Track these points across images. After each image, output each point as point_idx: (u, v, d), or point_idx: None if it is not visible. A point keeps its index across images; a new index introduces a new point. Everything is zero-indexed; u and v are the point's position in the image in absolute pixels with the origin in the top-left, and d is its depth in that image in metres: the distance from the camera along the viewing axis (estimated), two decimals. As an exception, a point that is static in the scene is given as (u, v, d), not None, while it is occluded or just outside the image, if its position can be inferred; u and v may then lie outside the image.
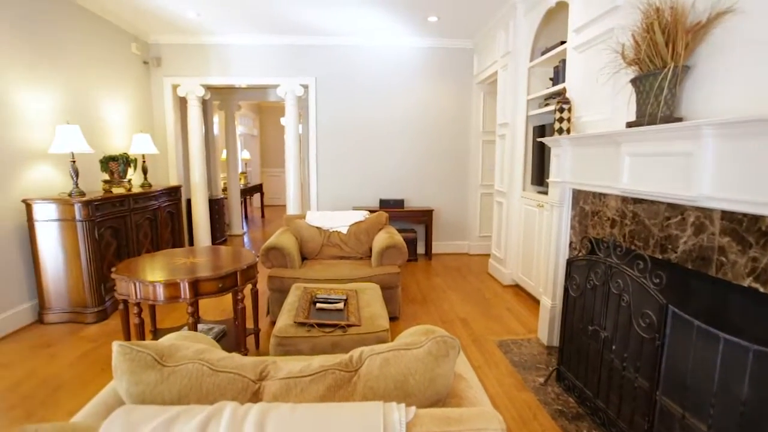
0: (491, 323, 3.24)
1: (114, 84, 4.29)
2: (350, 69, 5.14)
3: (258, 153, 10.26)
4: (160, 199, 4.13)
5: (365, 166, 5.32)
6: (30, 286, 3.18)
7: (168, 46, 5.00)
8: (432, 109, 5.29)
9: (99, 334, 3.00)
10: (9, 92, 3.04)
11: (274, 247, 3.14)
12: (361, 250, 3.65)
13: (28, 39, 3.20)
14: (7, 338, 2.92)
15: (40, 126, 3.30)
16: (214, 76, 5.04)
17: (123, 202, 3.51)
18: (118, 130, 4.36)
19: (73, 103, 3.68)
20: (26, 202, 3.02)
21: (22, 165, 3.14)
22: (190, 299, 2.11)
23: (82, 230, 3.06)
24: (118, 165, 3.66)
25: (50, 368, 2.52)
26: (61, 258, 3.10)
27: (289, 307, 2.37)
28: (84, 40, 3.83)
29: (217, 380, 1.04)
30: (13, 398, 2.21)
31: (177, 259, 2.45)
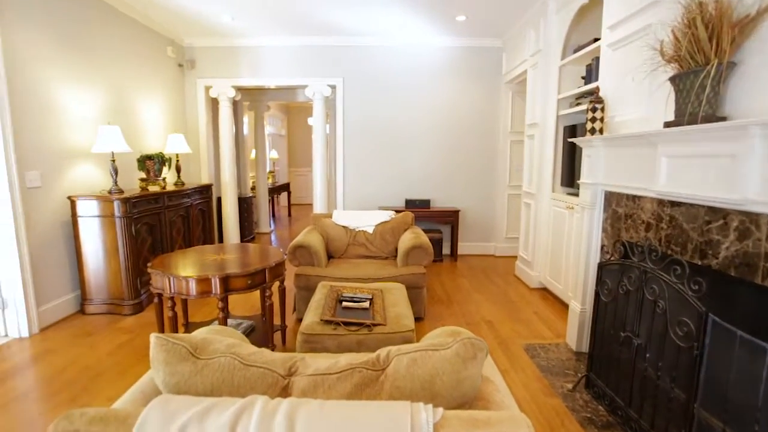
0: (518, 326, 3.19)
1: (151, 86, 4.47)
2: (377, 69, 5.17)
3: (285, 152, 10.44)
4: (193, 197, 4.27)
5: (391, 166, 5.33)
6: (73, 278, 3.35)
7: (201, 49, 5.16)
8: (459, 108, 5.25)
9: (135, 325, 3.13)
10: (57, 96, 3.21)
11: (301, 246, 3.19)
12: (386, 250, 3.65)
13: (73, 45, 3.37)
14: (53, 326, 3.09)
15: (83, 127, 3.47)
16: (244, 77, 5.16)
17: (158, 199, 3.64)
18: (154, 130, 4.54)
19: (113, 104, 3.85)
20: (71, 199, 3.18)
21: (68, 164, 3.32)
22: (220, 294, 2.17)
23: (120, 226, 3.20)
24: (154, 164, 3.81)
25: (91, 356, 2.65)
26: (101, 252, 3.25)
27: (316, 304, 2.41)
28: (124, 44, 4.00)
29: (247, 374, 1.07)
30: (58, 383, 2.34)
31: (208, 255, 2.53)
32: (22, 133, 2.91)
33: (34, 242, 2.99)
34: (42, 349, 2.75)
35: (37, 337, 2.92)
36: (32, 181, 2.97)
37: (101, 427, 0.86)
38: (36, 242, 3.01)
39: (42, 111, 3.08)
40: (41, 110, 3.07)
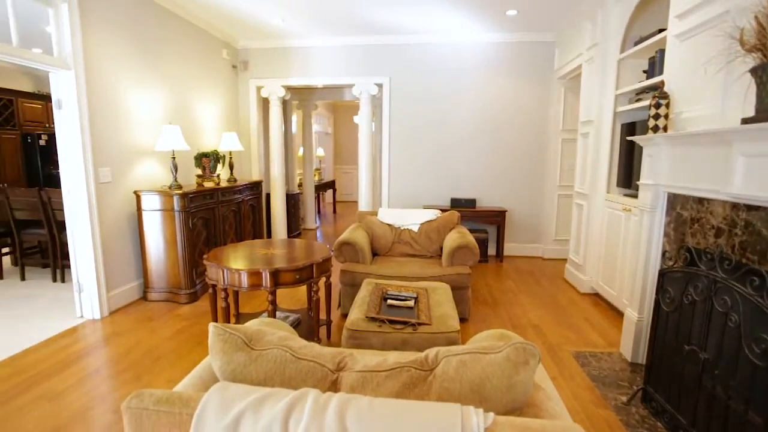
0: (567, 332, 3.06)
1: (207, 87, 4.70)
2: (424, 67, 5.13)
3: (331, 150, 10.63)
4: (244, 192, 4.45)
5: (437, 165, 5.28)
6: (137, 267, 3.60)
7: (254, 51, 5.36)
8: (507, 105, 5.10)
9: (190, 313, 3.32)
10: (127, 97, 3.46)
11: (347, 242, 3.24)
12: (431, 249, 3.63)
13: (141, 49, 3.61)
14: (120, 310, 3.34)
15: (148, 126, 3.72)
16: (294, 77, 5.31)
17: (213, 194, 3.83)
18: (209, 128, 4.78)
19: (174, 105, 4.09)
20: (136, 193, 3.42)
21: (134, 160, 3.57)
22: (270, 288, 2.25)
23: (178, 219, 3.40)
24: (210, 161, 4.01)
25: (152, 340, 2.84)
26: (161, 243, 3.47)
27: (361, 301, 2.44)
28: (184, 48, 4.24)
29: (299, 367, 1.10)
30: (125, 363, 2.53)
31: (258, 249, 2.62)
32: (97, 132, 3.16)
33: (105, 233, 3.25)
34: (110, 331, 2.98)
35: (107, 320, 3.18)
36: (104, 176, 3.23)
37: (167, 407, 0.91)
38: (106, 233, 3.26)
39: (113, 111, 3.33)
40: (113, 111, 3.32)
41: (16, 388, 2.26)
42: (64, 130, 3.00)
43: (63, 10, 2.90)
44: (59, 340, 2.84)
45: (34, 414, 2.05)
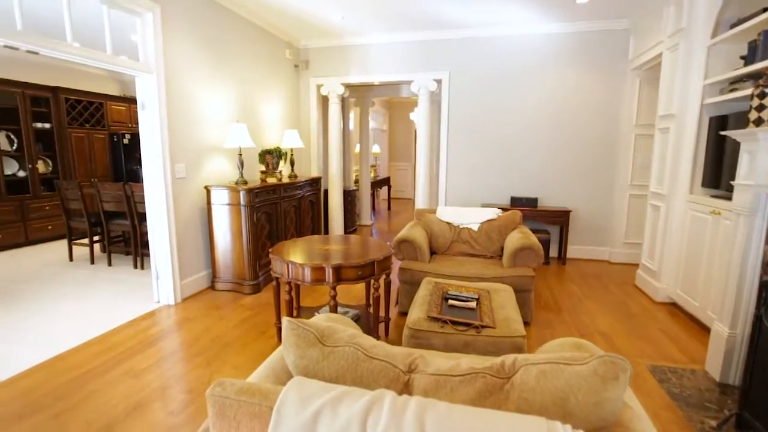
0: (640, 343, 2.83)
1: (271, 86, 4.88)
2: (484, 61, 4.97)
3: (386, 147, 10.67)
4: (304, 188, 4.58)
5: (497, 162, 5.11)
6: (206, 258, 3.83)
7: (315, 50, 5.48)
8: (573, 99, 4.82)
9: (254, 304, 3.47)
10: (199, 98, 3.67)
11: (406, 240, 3.22)
12: (491, 249, 3.52)
13: (212, 51, 3.82)
14: (191, 298, 3.57)
15: (217, 124, 3.93)
16: (353, 75, 5.37)
17: (275, 190, 3.98)
18: (272, 126, 4.96)
19: (240, 104, 4.29)
20: (207, 188, 3.63)
21: (205, 157, 3.79)
22: (332, 283, 2.28)
23: (244, 214, 3.56)
24: (273, 158, 4.16)
25: (220, 328, 3.00)
26: (228, 236, 3.66)
27: (421, 300, 2.41)
28: (250, 50, 4.42)
29: (370, 366, 1.10)
30: (196, 347, 2.70)
31: (321, 245, 2.67)
32: (174, 131, 3.39)
33: (179, 225, 3.48)
34: (183, 317, 3.19)
35: (180, 306, 3.40)
36: (179, 172, 3.45)
37: (248, 398, 0.94)
38: (180, 225, 3.49)
39: (188, 111, 3.55)
40: (187, 111, 3.54)
41: (107, 364, 2.48)
42: (146, 129, 3.24)
43: (148, 20, 3.13)
44: (140, 322, 3.08)
45: (122, 388, 2.24)
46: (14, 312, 3.25)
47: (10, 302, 3.45)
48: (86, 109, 6.14)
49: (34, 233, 5.55)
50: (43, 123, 5.70)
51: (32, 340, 2.78)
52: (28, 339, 2.80)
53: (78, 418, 2.01)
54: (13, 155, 5.41)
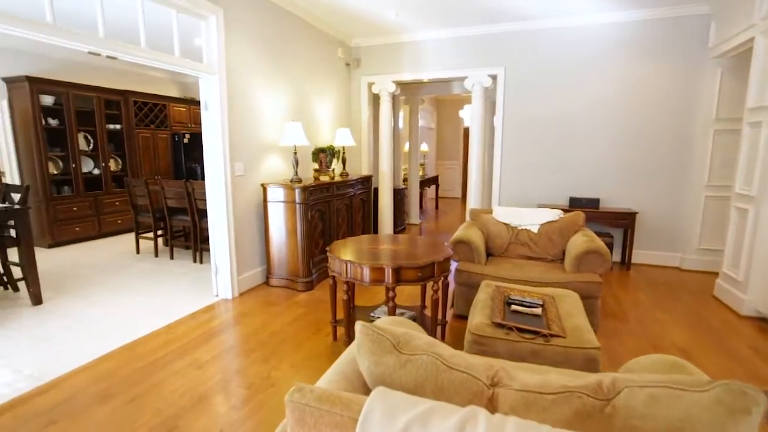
0: (728, 363, 2.56)
1: (323, 85, 4.92)
2: (542, 55, 4.74)
3: (434, 145, 10.53)
4: (356, 187, 4.58)
5: (555, 160, 4.86)
6: (262, 254, 3.92)
7: (366, 48, 5.47)
8: (641, 93, 4.47)
9: (307, 301, 3.50)
10: (256, 97, 3.76)
11: (463, 241, 3.11)
12: (552, 252, 3.33)
13: (269, 51, 3.89)
14: (247, 293, 3.67)
15: (273, 123, 4.01)
16: (405, 72, 5.30)
17: (329, 188, 4.00)
18: (325, 125, 5.00)
19: (295, 103, 4.35)
20: (263, 186, 3.70)
21: (262, 155, 3.87)
22: (391, 284, 2.23)
23: (299, 211, 3.60)
24: (326, 156, 4.19)
25: (275, 324, 3.04)
26: (283, 233, 3.71)
27: (482, 304, 2.30)
28: (304, 49, 4.47)
29: (451, 377, 1.03)
30: (253, 343, 2.75)
31: (378, 245, 2.63)
32: (233, 130, 3.48)
33: (237, 222, 3.58)
34: (240, 311, 3.27)
35: (237, 300, 3.50)
36: (238, 170, 3.55)
37: (328, 407, 0.90)
38: (238, 222, 3.59)
39: (246, 110, 3.64)
40: (246, 110, 3.63)
41: (172, 354, 2.58)
42: (209, 128, 3.35)
43: (212, 22, 3.23)
44: (201, 315, 3.19)
45: (187, 379, 2.32)
46: (92, 301, 3.48)
47: (89, 291, 3.70)
48: (151, 111, 6.51)
49: (106, 226, 5.96)
50: (115, 124, 6.10)
51: (107, 328, 2.96)
52: (103, 327, 2.98)
53: (149, 404, 2.09)
54: (90, 155, 5.83)
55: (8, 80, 5.19)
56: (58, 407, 2.08)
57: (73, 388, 2.24)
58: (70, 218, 5.54)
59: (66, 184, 5.61)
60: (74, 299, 3.51)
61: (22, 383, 2.29)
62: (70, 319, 3.11)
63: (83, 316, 3.16)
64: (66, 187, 5.61)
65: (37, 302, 3.39)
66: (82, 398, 2.15)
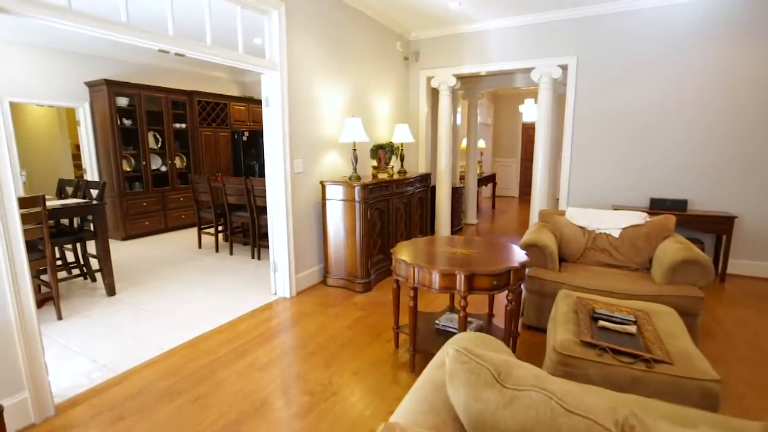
0: None
1: (381, 80, 4.79)
2: (620, 42, 4.29)
3: (490, 142, 10.12)
4: (415, 185, 4.41)
5: (632, 158, 4.40)
6: (319, 253, 3.86)
7: (426, 41, 5.27)
8: (738, 79, 3.91)
9: (366, 303, 3.38)
10: (316, 93, 3.69)
11: (535, 245, 2.85)
12: (637, 260, 2.97)
13: (327, 47, 3.81)
14: (304, 292, 3.62)
15: (332, 119, 3.93)
16: (466, 65, 5.05)
17: (388, 186, 3.86)
18: (383, 121, 4.88)
19: (353, 98, 4.26)
20: (322, 183, 3.64)
21: (320, 152, 3.81)
22: (464, 292, 2.04)
23: (358, 210, 3.50)
24: (385, 153, 4.05)
25: (334, 326, 2.95)
26: (341, 232, 3.63)
27: (563, 318, 2.06)
28: (363, 43, 4.36)
29: (570, 422, 0.83)
30: (313, 345, 2.67)
31: (447, 248, 2.45)
32: (294, 127, 3.44)
33: (296, 219, 3.53)
34: (298, 311, 3.22)
35: (295, 299, 3.46)
36: (298, 167, 3.50)
37: (426, 456, 0.74)
38: (296, 219, 3.55)
39: (306, 106, 3.58)
40: (306, 106, 3.58)
41: (234, 353, 2.56)
42: (270, 125, 3.32)
43: (274, 18, 3.19)
44: (260, 313, 3.18)
45: (248, 380, 2.27)
46: (159, 294, 3.59)
47: (157, 284, 3.84)
48: (213, 110, 6.73)
49: (171, 221, 6.24)
50: (180, 124, 6.37)
51: (172, 323, 3.01)
52: (169, 321, 3.05)
53: (212, 406, 2.06)
54: (158, 152, 6.13)
55: (90, 84, 5.56)
56: (127, 402, 2.10)
57: (141, 381, 2.27)
58: (141, 213, 5.84)
59: (137, 180, 5.92)
60: (143, 291, 3.64)
61: (97, 373, 2.35)
62: (139, 311, 3.21)
63: (151, 308, 3.25)
64: (137, 183, 5.92)
65: (111, 293, 3.55)
66: (150, 394, 2.16)
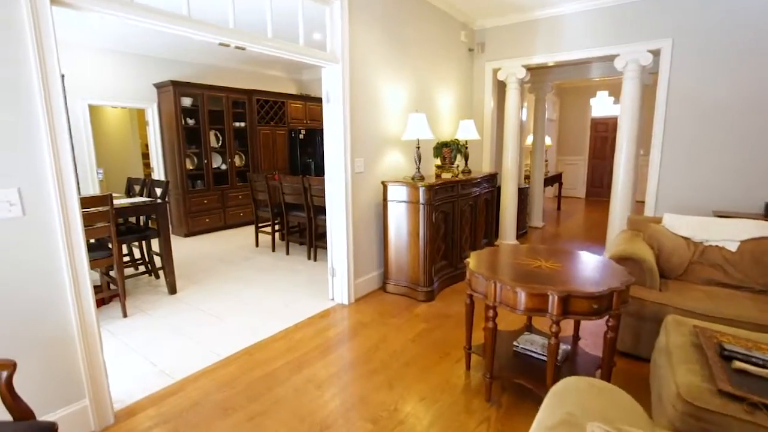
0: None
1: (444, 73, 4.48)
2: (731, 20, 3.66)
3: (555, 139, 9.43)
4: (481, 185, 4.07)
5: (740, 155, 3.76)
6: (379, 258, 3.65)
7: (492, 30, 4.89)
8: None
9: (429, 315, 3.12)
10: (377, 88, 3.47)
11: (631, 258, 2.43)
12: (762, 280, 2.46)
13: (388, 38, 3.57)
14: (363, 299, 3.42)
15: (394, 115, 3.69)
16: (537, 54, 4.61)
17: (453, 187, 3.56)
18: (446, 116, 4.57)
19: (416, 93, 3.99)
20: (383, 184, 3.41)
21: (382, 151, 3.59)
22: (557, 316, 1.71)
23: (423, 213, 3.24)
24: (451, 151, 3.75)
25: (397, 340, 2.72)
26: (403, 236, 3.39)
27: (682, 353, 1.67)
28: (425, 33, 4.07)
29: None
30: (375, 362, 2.45)
31: (529, 259, 2.12)
32: (355, 123, 3.24)
33: (355, 221, 3.34)
34: (357, 321, 3.02)
35: (353, 307, 3.27)
36: (358, 166, 3.30)
37: None
38: (356, 222, 3.35)
39: (367, 102, 3.37)
40: (367, 101, 3.37)
41: (290, 366, 2.40)
42: (330, 122, 3.15)
43: (336, 7, 3.00)
44: (317, 321, 3.01)
45: (305, 399, 2.09)
46: (217, 294, 3.56)
47: (215, 283, 3.82)
48: (271, 108, 6.76)
49: (230, 219, 6.34)
50: (240, 122, 6.44)
51: (230, 326, 2.93)
52: (227, 324, 2.97)
53: (268, 426, 1.89)
54: (218, 151, 6.24)
55: (158, 85, 5.74)
56: (184, 414, 1.99)
57: (198, 391, 2.17)
58: (202, 210, 5.97)
59: (199, 178, 6.06)
60: (202, 290, 3.62)
61: (156, 379, 2.29)
62: (198, 312, 3.17)
63: (209, 310, 3.20)
64: (199, 181, 6.05)
65: (172, 291, 3.56)
66: (205, 407, 2.04)
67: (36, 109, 1.59)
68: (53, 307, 1.72)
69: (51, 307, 1.71)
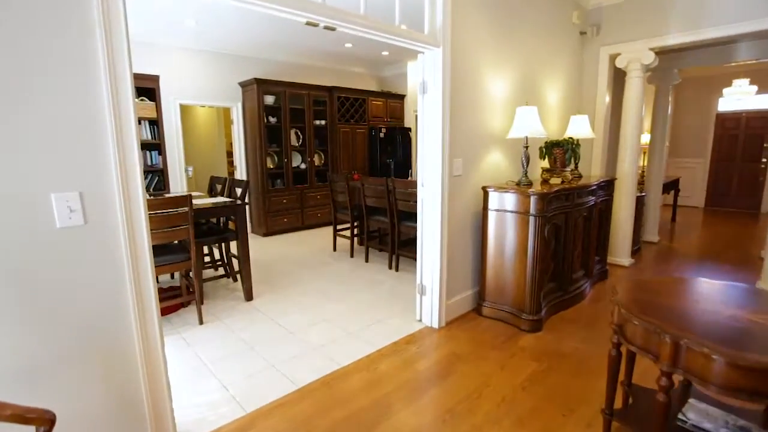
0: None
1: (554, 60, 3.83)
2: None
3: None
4: (597, 193, 3.38)
5: None
6: (474, 275, 3.15)
7: (610, 8, 4.12)
8: None
9: (538, 350, 2.55)
10: (481, 78, 2.96)
11: None
12: None
13: (493, 21, 3.04)
14: (455, 322, 2.94)
15: (497, 110, 3.16)
16: (672, 32, 3.76)
17: (568, 196, 2.94)
18: (555, 111, 3.92)
19: (522, 85, 3.41)
20: (484, 190, 2.90)
21: (482, 150, 3.07)
22: (799, 409, 1.10)
23: (533, 225, 2.68)
24: (564, 152, 3.13)
25: (503, 383, 2.20)
26: (505, 252, 2.85)
27: None
28: (531, 13, 3.45)
29: None
30: (479, 414, 1.96)
31: (724, 307, 1.49)
32: (454, 118, 2.77)
33: (450, 232, 2.86)
34: (450, 351, 2.55)
35: (444, 332, 2.81)
36: (456, 169, 2.83)
37: None
38: (451, 232, 2.88)
39: (469, 94, 2.88)
40: (468, 93, 2.88)
41: (375, 407, 2.00)
42: (426, 116, 2.71)
43: (437, -20, 2.55)
44: (404, 348, 2.59)
45: (396, 460, 1.67)
46: (295, 304, 3.31)
47: (293, 291, 3.59)
48: (352, 106, 6.51)
49: (307, 219, 6.20)
50: (320, 120, 6.28)
51: (306, 347, 2.62)
52: (303, 345, 2.66)
53: (353, 498, 1.50)
54: (298, 150, 6.12)
55: (242, 84, 5.75)
56: (254, 462, 1.67)
57: (270, 431, 1.85)
58: (281, 210, 5.88)
59: (278, 177, 5.98)
60: (279, 299, 3.39)
61: (225, 407, 2.02)
62: (275, 325, 2.92)
63: (287, 324, 2.93)
64: (278, 180, 5.98)
65: (248, 298, 3.37)
66: (280, 455, 1.71)
67: (102, 103, 1.34)
68: (111, 335, 1.47)
69: (108, 336, 1.47)
